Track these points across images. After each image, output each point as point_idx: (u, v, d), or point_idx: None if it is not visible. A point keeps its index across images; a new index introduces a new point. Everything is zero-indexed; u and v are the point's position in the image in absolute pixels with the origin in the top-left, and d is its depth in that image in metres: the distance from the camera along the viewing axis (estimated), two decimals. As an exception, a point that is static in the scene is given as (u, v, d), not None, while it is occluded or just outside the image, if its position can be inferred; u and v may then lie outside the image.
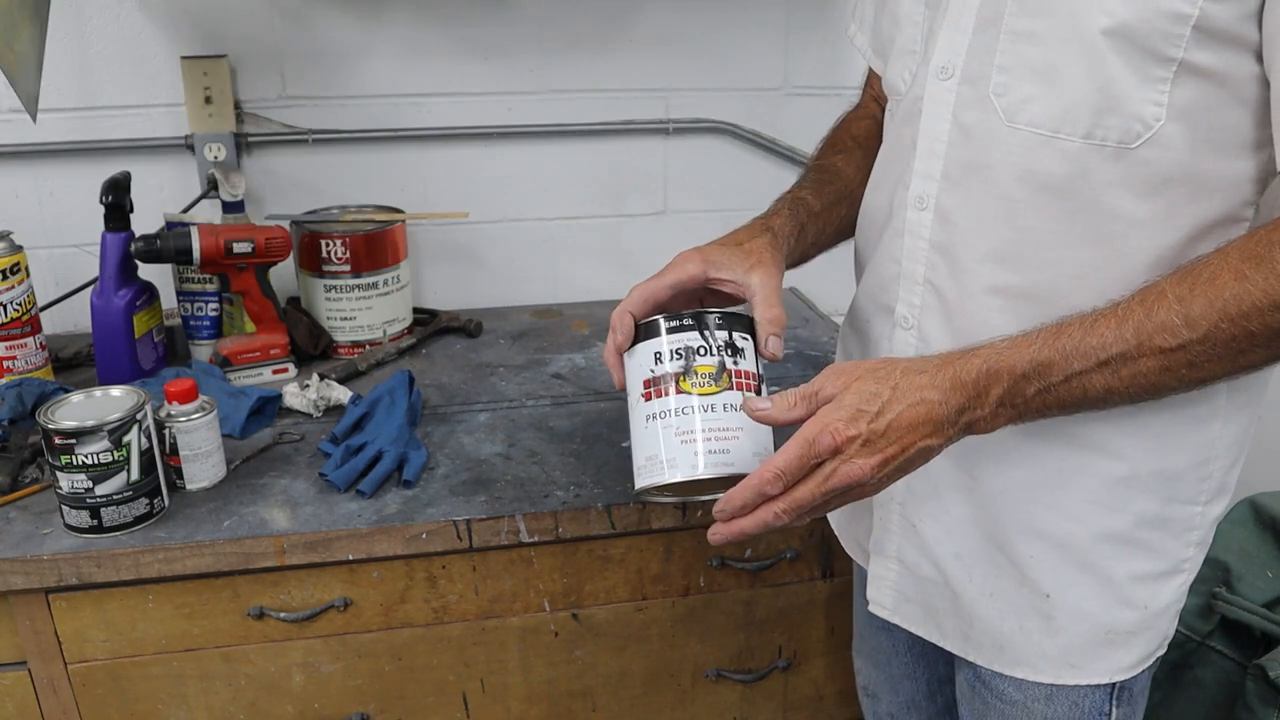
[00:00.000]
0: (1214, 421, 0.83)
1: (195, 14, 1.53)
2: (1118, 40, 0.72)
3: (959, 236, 0.84)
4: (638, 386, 0.84)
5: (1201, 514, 0.87)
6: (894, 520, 0.96)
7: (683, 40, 1.68)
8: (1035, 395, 0.74)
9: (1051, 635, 0.89)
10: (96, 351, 1.39)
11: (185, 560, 1.08)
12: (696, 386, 0.81)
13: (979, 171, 0.82)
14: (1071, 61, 0.74)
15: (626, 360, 0.86)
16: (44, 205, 1.57)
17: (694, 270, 0.87)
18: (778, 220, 0.95)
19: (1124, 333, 0.71)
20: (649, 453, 0.82)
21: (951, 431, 0.75)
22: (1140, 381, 0.72)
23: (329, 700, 1.21)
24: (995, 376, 0.74)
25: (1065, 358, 0.72)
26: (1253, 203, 0.77)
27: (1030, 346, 0.74)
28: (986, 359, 0.74)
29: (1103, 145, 0.75)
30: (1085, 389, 0.73)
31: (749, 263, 0.88)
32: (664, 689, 1.31)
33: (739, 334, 0.83)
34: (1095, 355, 0.72)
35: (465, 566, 1.18)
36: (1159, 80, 0.72)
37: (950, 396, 0.74)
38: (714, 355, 0.82)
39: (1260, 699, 1.31)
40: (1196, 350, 0.70)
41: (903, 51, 0.90)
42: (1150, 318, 0.70)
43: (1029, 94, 0.77)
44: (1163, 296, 0.71)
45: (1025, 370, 0.73)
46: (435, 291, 1.76)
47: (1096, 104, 0.74)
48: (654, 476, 0.81)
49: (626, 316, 0.85)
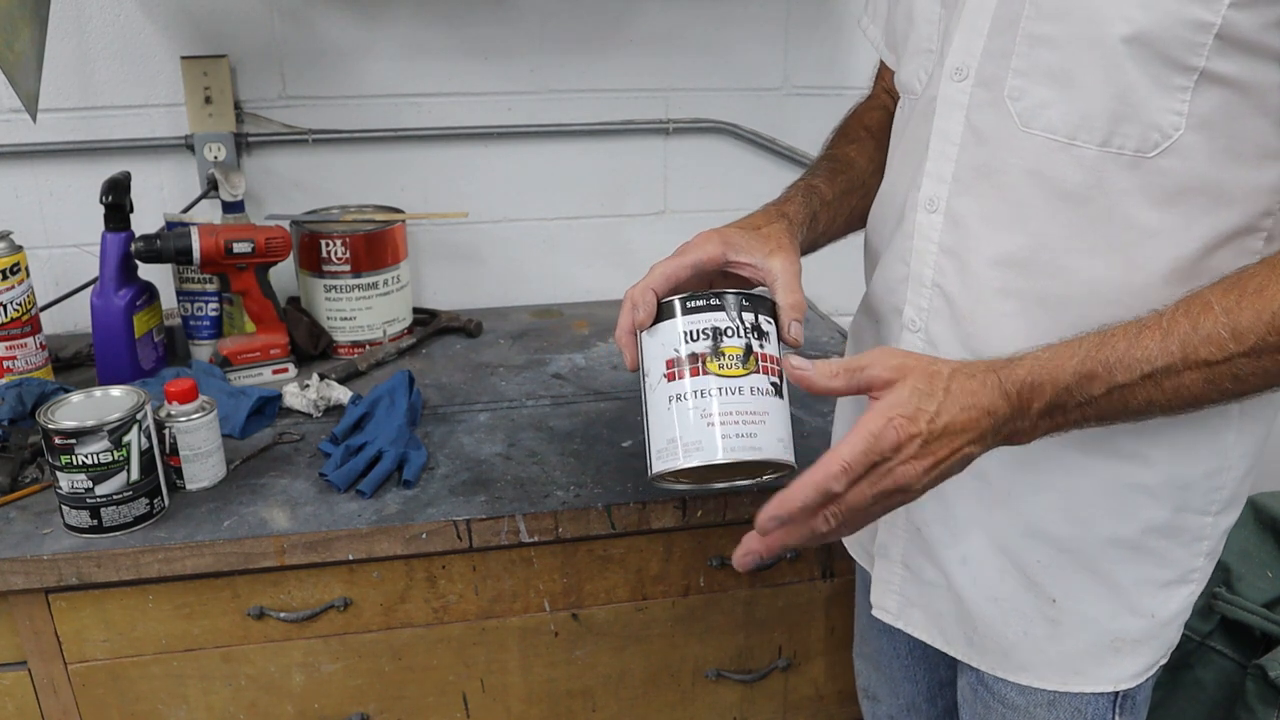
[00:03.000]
0: (1228, 432, 0.83)
1: (195, 14, 1.53)
2: (1138, 48, 0.70)
3: (969, 240, 0.83)
4: (659, 367, 0.80)
5: (1212, 524, 0.86)
6: (899, 524, 0.95)
7: (683, 40, 1.68)
8: (1076, 408, 0.72)
9: (1057, 641, 0.88)
10: (96, 351, 1.39)
11: (185, 560, 1.08)
12: (723, 368, 0.78)
13: (991, 175, 0.80)
14: (1089, 68, 0.73)
15: (645, 339, 0.82)
16: (44, 205, 1.57)
17: (714, 251, 0.85)
18: (791, 207, 0.93)
19: (1169, 345, 0.69)
20: (669, 435, 0.78)
21: (992, 441, 0.73)
22: (1183, 394, 0.70)
23: (329, 700, 1.21)
24: (1039, 389, 0.72)
25: (1109, 370, 0.71)
26: (1272, 213, 0.75)
27: (1073, 358, 0.71)
28: (1031, 370, 0.72)
29: (1120, 153, 0.74)
30: (1127, 401, 0.72)
31: (768, 247, 0.86)
32: (664, 689, 1.31)
33: (764, 317, 0.80)
34: (1139, 368, 0.70)
35: (465, 566, 1.18)
36: (1179, 89, 0.71)
37: (996, 405, 0.72)
38: (741, 337, 0.78)
39: (1260, 699, 1.31)
40: (1242, 364, 0.68)
41: (917, 50, 0.89)
42: (1196, 330, 0.69)
43: (1045, 99, 0.76)
44: (1209, 308, 0.69)
45: (1069, 383, 0.71)
46: (435, 291, 1.76)
47: (1114, 111, 0.73)
48: (674, 460, 0.78)
49: (649, 293, 0.81)
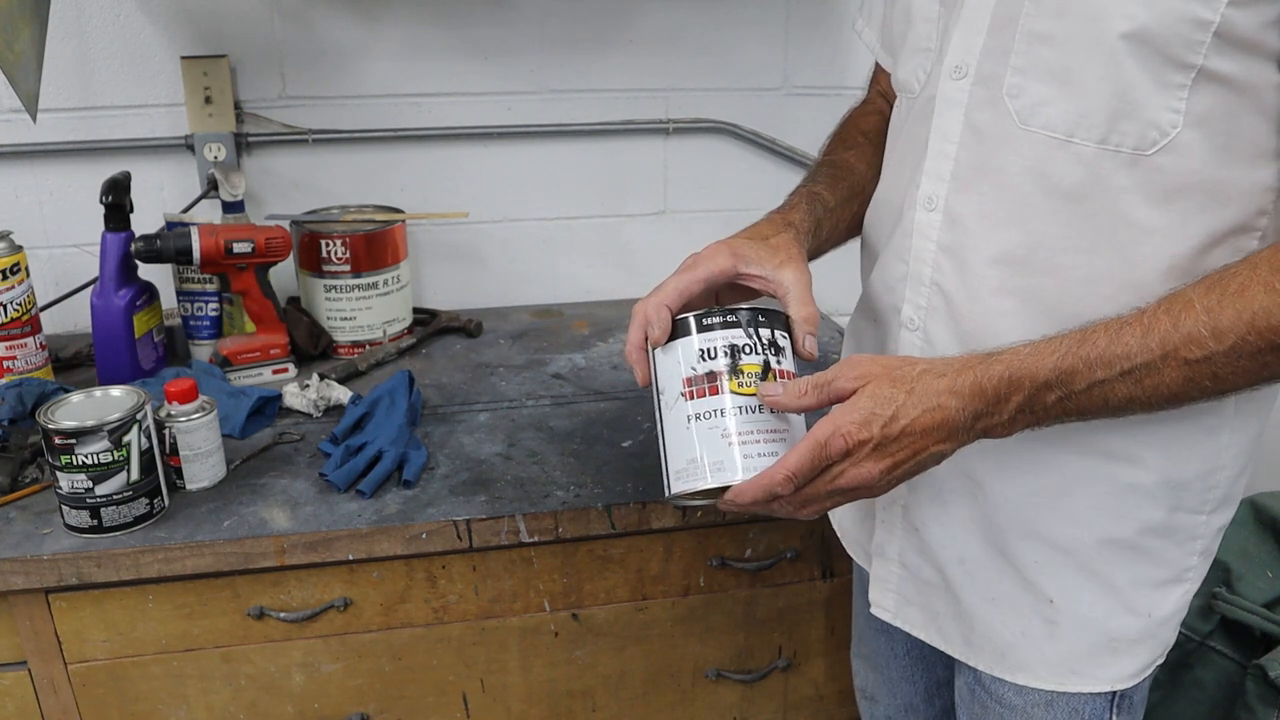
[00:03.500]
0: (1222, 432, 0.83)
1: (195, 14, 1.53)
2: (1137, 45, 0.71)
3: (968, 239, 0.83)
4: (675, 385, 0.79)
5: (1206, 523, 0.86)
6: (897, 523, 0.95)
7: (683, 40, 1.68)
8: (1056, 403, 0.73)
9: (1054, 641, 0.89)
10: (96, 351, 1.39)
11: (185, 560, 1.08)
12: (743, 386, 0.77)
13: (990, 174, 0.80)
14: (1089, 65, 0.73)
15: (659, 356, 0.81)
16: (44, 205, 1.57)
17: (725, 264, 0.84)
18: (796, 215, 0.93)
19: (1149, 342, 0.70)
20: (689, 455, 0.78)
21: (966, 437, 0.74)
22: (1162, 391, 0.71)
23: (329, 700, 1.21)
24: (1017, 384, 0.73)
25: (1089, 366, 0.71)
26: (1267, 212, 0.76)
27: (1054, 354, 0.72)
28: (1009, 365, 0.73)
29: (1118, 151, 0.74)
30: (1107, 397, 0.72)
31: (778, 259, 0.85)
32: (664, 689, 1.31)
33: (779, 332, 0.80)
34: (1119, 364, 0.71)
35: (465, 566, 1.18)
36: (1177, 87, 0.71)
37: (969, 403, 0.73)
38: (759, 354, 0.78)
39: (1260, 699, 1.31)
40: (1221, 362, 0.69)
41: (915, 49, 0.89)
42: (1177, 328, 0.69)
43: (1044, 96, 0.76)
44: (1190, 307, 0.69)
45: (1048, 378, 0.72)
46: (435, 291, 1.76)
47: (1113, 109, 0.73)
48: (695, 481, 0.77)
49: (664, 310, 0.80)
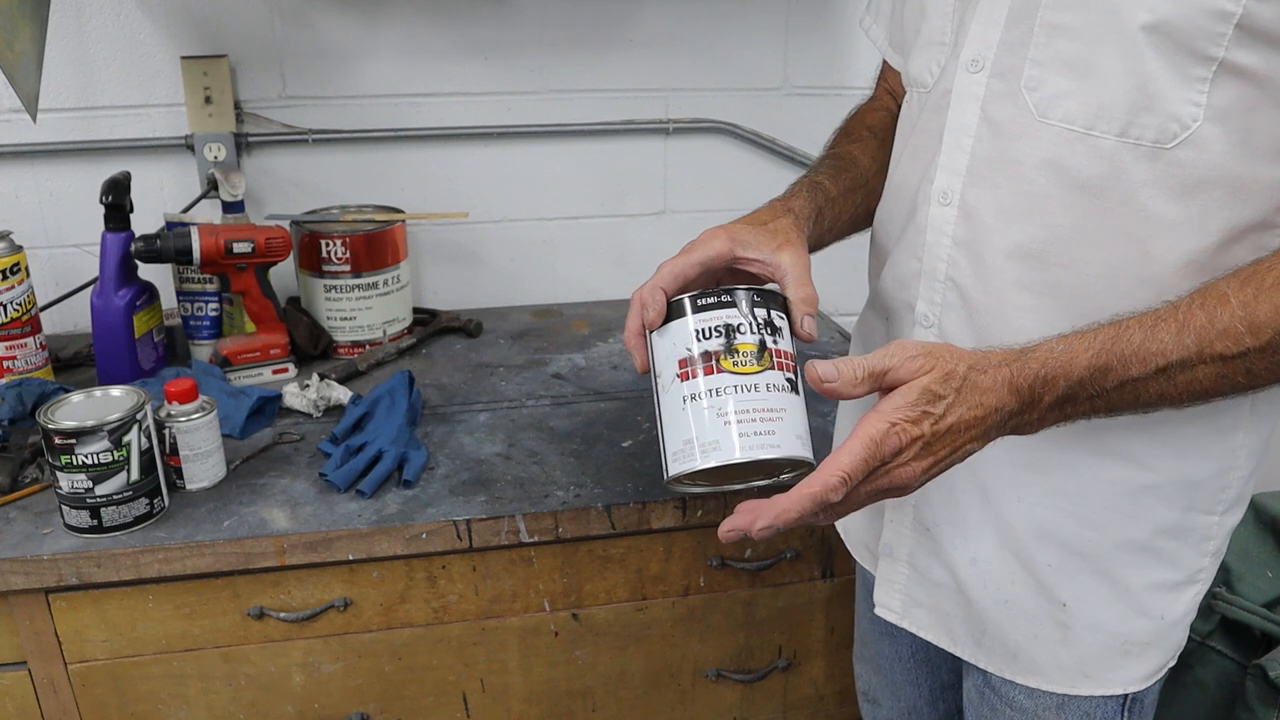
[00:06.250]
0: (1237, 431, 0.82)
1: (195, 14, 1.53)
2: (1158, 37, 0.70)
3: (983, 233, 0.82)
4: (671, 367, 0.78)
5: (1219, 524, 0.86)
6: (907, 523, 0.95)
7: (683, 40, 1.68)
8: (1087, 400, 0.72)
9: (1067, 645, 0.88)
10: (96, 351, 1.39)
11: (185, 560, 1.08)
12: (738, 365, 0.76)
13: (1007, 167, 0.80)
14: (1109, 57, 0.72)
15: (655, 339, 0.80)
16: (44, 205, 1.57)
17: (721, 248, 0.83)
18: (797, 202, 0.92)
19: (1185, 339, 0.68)
20: (684, 436, 0.77)
21: (996, 434, 0.73)
22: (1194, 388, 0.70)
23: (329, 700, 1.21)
24: (1051, 383, 0.71)
25: (1123, 363, 0.70)
26: None
27: (1088, 351, 0.71)
28: (1044, 363, 0.71)
29: (1138, 144, 0.73)
30: (1138, 394, 0.71)
31: (776, 242, 0.84)
32: (664, 689, 1.31)
33: (776, 312, 0.79)
34: (1154, 362, 0.69)
35: (465, 566, 1.18)
36: (1198, 80, 0.70)
37: (1006, 401, 0.71)
38: (754, 333, 0.77)
39: (1260, 699, 1.31)
40: (1256, 358, 0.68)
41: (929, 42, 0.88)
42: (1213, 324, 0.68)
43: (1063, 89, 0.75)
44: (1225, 301, 0.68)
45: (1082, 376, 0.70)
46: (435, 291, 1.76)
47: (1133, 102, 0.72)
48: (691, 461, 0.76)
49: (659, 293, 0.79)
